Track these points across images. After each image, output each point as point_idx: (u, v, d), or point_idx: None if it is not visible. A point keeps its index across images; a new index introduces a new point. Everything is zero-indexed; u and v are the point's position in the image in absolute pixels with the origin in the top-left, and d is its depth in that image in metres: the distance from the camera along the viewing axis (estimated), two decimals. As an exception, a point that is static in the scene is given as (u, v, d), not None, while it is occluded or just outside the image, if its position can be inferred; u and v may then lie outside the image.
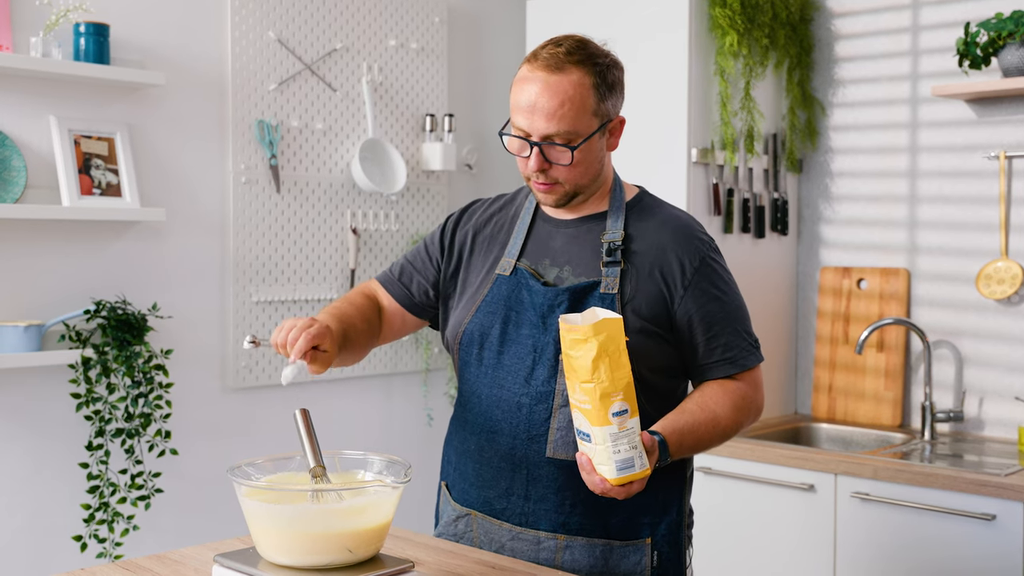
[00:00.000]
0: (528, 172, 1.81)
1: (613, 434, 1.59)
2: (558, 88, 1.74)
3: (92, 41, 2.72)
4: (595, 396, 1.59)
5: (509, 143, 1.82)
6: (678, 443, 1.72)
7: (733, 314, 1.84)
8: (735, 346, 1.83)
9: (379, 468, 1.66)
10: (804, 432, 3.31)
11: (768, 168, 3.38)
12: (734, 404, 1.81)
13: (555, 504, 1.79)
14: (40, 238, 2.73)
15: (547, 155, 1.77)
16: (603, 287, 1.80)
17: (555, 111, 1.74)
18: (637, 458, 1.60)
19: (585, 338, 1.59)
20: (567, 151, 1.77)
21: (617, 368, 1.59)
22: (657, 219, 1.87)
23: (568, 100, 1.74)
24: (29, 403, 2.72)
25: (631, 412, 1.60)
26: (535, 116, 1.75)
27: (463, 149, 3.66)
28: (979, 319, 3.13)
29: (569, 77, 1.75)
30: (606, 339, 1.59)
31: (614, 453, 1.59)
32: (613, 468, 1.60)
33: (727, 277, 1.87)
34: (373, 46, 3.41)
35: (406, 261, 2.03)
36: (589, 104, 1.76)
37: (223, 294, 3.09)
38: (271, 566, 1.53)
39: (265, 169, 3.14)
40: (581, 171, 1.81)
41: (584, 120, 1.76)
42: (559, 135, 1.75)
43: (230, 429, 3.10)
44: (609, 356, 1.59)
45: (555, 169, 1.79)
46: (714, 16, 3.12)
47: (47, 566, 2.72)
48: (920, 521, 2.64)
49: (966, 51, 3.00)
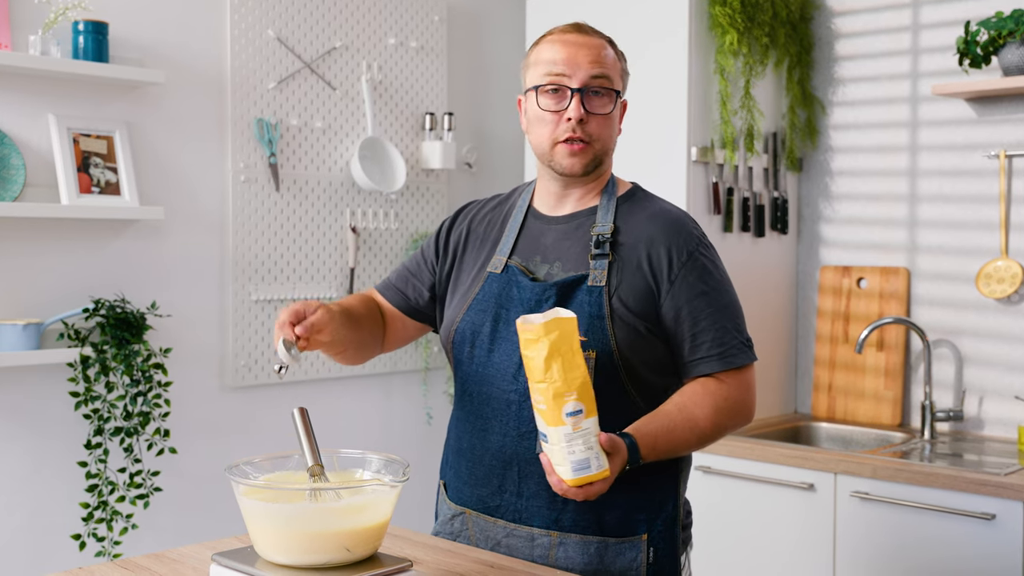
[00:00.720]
0: (559, 131, 1.80)
1: (568, 434, 1.58)
2: (593, 42, 1.82)
3: (91, 39, 2.72)
4: (548, 396, 1.58)
5: (542, 98, 1.81)
6: (651, 445, 1.71)
7: (722, 311, 1.80)
8: (722, 343, 1.79)
9: (377, 467, 1.66)
10: (804, 431, 3.31)
11: (768, 167, 3.38)
12: (715, 406, 1.77)
13: (547, 501, 1.79)
14: (39, 236, 2.73)
15: (587, 105, 1.79)
16: (591, 280, 1.79)
17: (597, 56, 1.80)
18: (594, 459, 1.59)
19: (537, 337, 1.59)
20: (609, 98, 1.80)
21: (571, 368, 1.58)
22: (647, 212, 1.86)
23: (605, 49, 1.82)
24: (28, 402, 2.72)
25: (587, 413, 1.59)
26: (578, 59, 1.78)
27: (463, 148, 3.66)
28: (979, 318, 3.13)
29: (597, 39, 1.84)
30: (558, 338, 1.58)
31: (569, 454, 1.59)
32: (569, 469, 1.59)
33: (717, 273, 1.83)
34: (373, 44, 3.40)
35: (403, 267, 2.05)
36: (618, 65, 1.85)
37: (222, 293, 3.08)
38: (269, 565, 1.53)
39: (264, 168, 3.14)
40: (610, 131, 1.83)
41: (617, 76, 1.84)
42: (602, 78, 1.79)
43: (229, 428, 3.09)
44: (562, 356, 1.58)
45: (591, 123, 1.80)
46: (714, 15, 3.12)
47: (46, 565, 2.72)
48: (920, 520, 2.64)
49: (966, 50, 3.00)
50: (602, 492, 1.64)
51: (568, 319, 1.60)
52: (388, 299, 2.03)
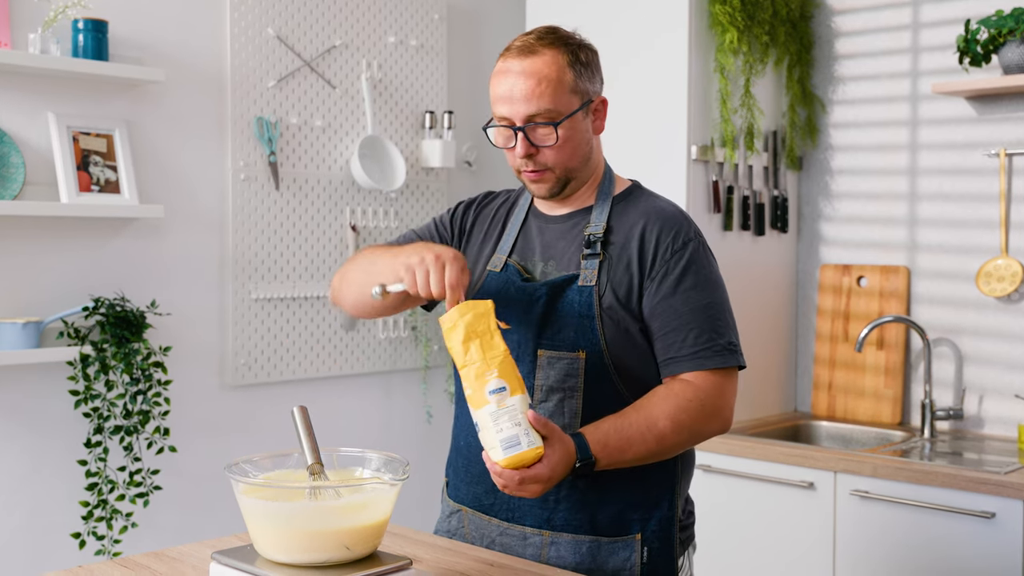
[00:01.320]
0: (516, 162, 1.81)
1: (492, 412, 1.57)
2: (532, 69, 1.76)
3: (91, 37, 2.72)
4: (471, 378, 1.59)
5: (495, 136, 1.82)
6: (601, 442, 1.67)
7: (703, 311, 1.76)
8: (695, 344, 1.74)
9: (377, 465, 1.66)
10: (804, 430, 3.31)
11: (768, 165, 3.38)
12: (677, 407, 1.71)
13: (539, 499, 1.79)
14: (38, 235, 2.73)
15: (532, 139, 1.77)
16: (581, 280, 1.79)
17: (533, 90, 1.75)
18: (523, 435, 1.57)
19: (452, 324, 1.61)
20: (551, 131, 1.77)
21: (488, 348, 1.59)
22: (640, 210, 1.85)
23: (544, 78, 1.75)
24: (27, 400, 2.72)
25: (511, 391, 1.58)
26: (514, 100, 1.76)
27: (462, 146, 3.66)
28: (979, 317, 3.13)
29: (542, 58, 1.77)
30: (472, 319, 1.60)
31: (497, 432, 1.57)
32: (499, 449, 1.57)
33: (704, 273, 1.79)
34: (372, 43, 3.40)
35: (412, 232, 2.03)
36: (566, 81, 1.77)
37: (222, 291, 3.08)
38: (269, 564, 1.53)
39: (264, 166, 3.14)
40: (568, 152, 1.80)
41: (563, 97, 1.77)
42: (540, 114, 1.75)
43: (229, 426, 3.09)
44: (479, 336, 1.59)
45: (542, 154, 1.78)
46: (714, 13, 3.12)
47: (45, 563, 2.72)
48: (920, 519, 2.64)
49: (966, 48, 3.00)
50: (541, 477, 1.59)
51: (481, 302, 1.62)
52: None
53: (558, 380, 1.77)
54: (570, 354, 1.76)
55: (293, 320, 3.22)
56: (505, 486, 1.61)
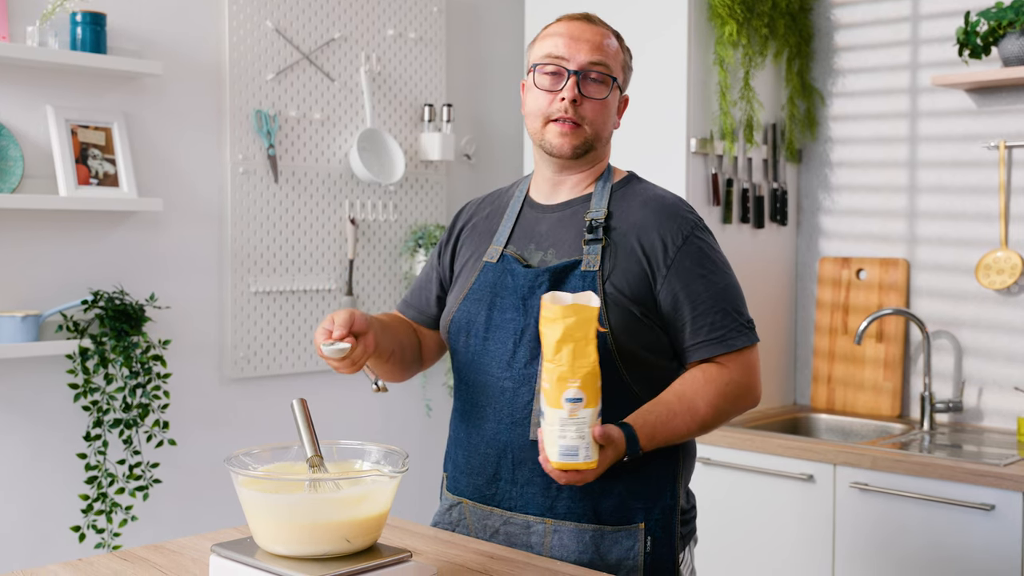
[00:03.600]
0: (555, 108, 1.81)
1: (562, 419, 1.60)
2: (597, 31, 1.85)
3: (89, 30, 2.71)
4: (553, 377, 1.60)
5: (539, 76, 1.83)
6: (650, 435, 1.72)
7: (721, 293, 1.80)
8: (722, 326, 1.78)
9: (377, 458, 1.66)
10: (803, 422, 3.31)
11: (767, 158, 3.38)
12: (717, 392, 1.77)
13: (541, 488, 1.79)
14: (37, 228, 2.72)
15: (582, 88, 1.81)
16: (584, 265, 1.79)
17: (599, 43, 1.82)
18: (582, 448, 1.61)
19: (554, 318, 1.61)
20: (604, 84, 1.82)
21: (580, 356, 1.60)
22: (641, 198, 1.86)
23: (608, 40, 1.85)
24: (27, 394, 2.72)
25: (587, 402, 1.60)
26: (579, 44, 1.81)
27: (462, 139, 3.65)
28: (978, 309, 3.13)
29: (604, 29, 1.87)
30: (574, 324, 1.60)
31: (560, 437, 1.61)
32: (557, 451, 1.61)
33: (714, 256, 1.83)
34: (371, 36, 3.39)
35: (415, 282, 2.08)
36: (620, 57, 1.87)
37: (221, 284, 3.08)
38: (268, 556, 1.53)
39: (263, 159, 3.13)
40: (604, 118, 1.84)
41: (617, 66, 1.86)
42: (599, 65, 1.81)
43: (228, 419, 3.09)
44: (574, 342, 1.60)
45: (585, 106, 1.81)
46: (713, 5, 3.11)
47: (45, 556, 2.72)
48: (919, 511, 2.64)
49: (966, 40, 2.99)
50: (586, 481, 1.66)
51: (589, 308, 1.61)
52: (412, 319, 2.06)
53: None
54: None
55: (292, 313, 3.22)
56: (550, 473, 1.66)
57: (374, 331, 1.79)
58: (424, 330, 2.05)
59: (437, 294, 2.02)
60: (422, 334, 2.05)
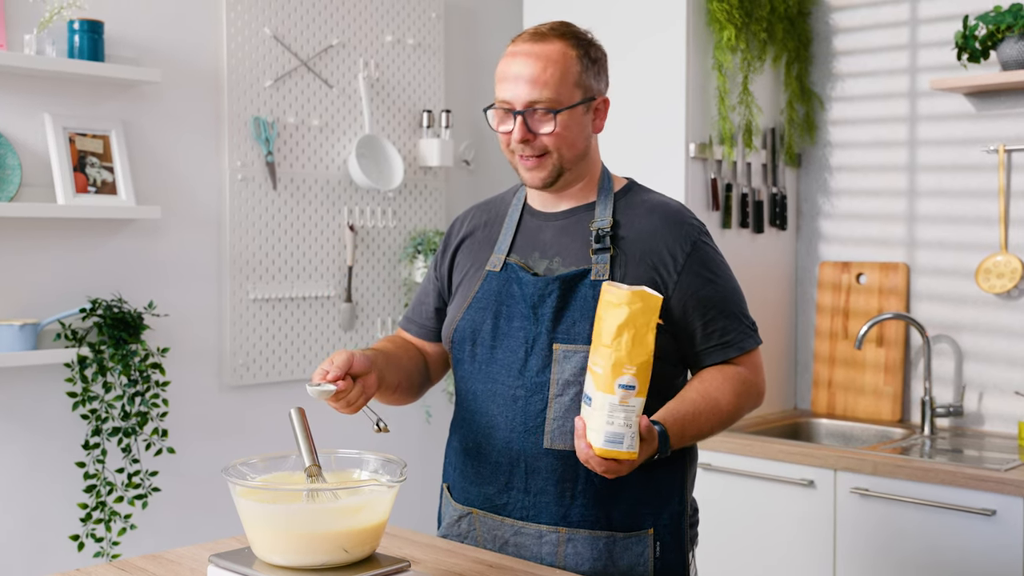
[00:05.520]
0: (512, 145, 1.81)
1: (612, 404, 1.59)
2: (541, 54, 1.78)
3: (86, 38, 2.71)
4: (609, 362, 1.59)
5: (492, 118, 1.83)
6: (679, 433, 1.73)
7: (729, 297, 1.83)
8: (732, 329, 1.82)
9: (375, 467, 1.65)
10: (803, 428, 3.30)
11: (767, 163, 3.37)
12: (735, 390, 1.81)
13: (555, 496, 1.79)
14: (35, 236, 2.72)
15: (530, 124, 1.78)
16: (594, 274, 1.79)
17: (538, 76, 1.77)
18: (628, 437, 1.59)
19: (619, 302, 1.59)
20: (550, 118, 1.78)
21: (639, 344, 1.59)
22: (646, 206, 1.86)
23: (552, 64, 1.78)
24: (25, 402, 2.71)
25: (638, 391, 1.59)
26: (519, 83, 1.77)
27: (460, 145, 3.65)
28: (979, 313, 3.12)
29: (553, 45, 1.80)
30: (638, 310, 1.59)
31: (608, 424, 1.59)
32: (601, 437, 1.59)
33: (719, 260, 1.86)
34: (370, 42, 3.39)
35: (415, 297, 2.08)
36: (572, 73, 1.79)
37: (220, 292, 3.08)
38: (266, 566, 1.52)
39: (261, 166, 3.13)
40: (566, 142, 1.80)
41: (567, 88, 1.79)
42: (542, 101, 1.77)
43: (227, 427, 3.09)
44: (636, 328, 1.59)
45: (540, 139, 1.79)
46: (712, 10, 3.11)
47: (44, 566, 2.72)
48: (920, 516, 2.63)
49: (965, 44, 2.99)
50: (620, 474, 1.64)
51: (654, 296, 1.60)
52: (411, 333, 2.06)
53: (574, 374, 1.77)
54: (586, 347, 1.76)
55: (291, 320, 3.21)
56: (587, 461, 1.63)
57: (376, 369, 1.79)
58: (429, 346, 2.04)
59: (437, 306, 2.01)
60: (427, 351, 2.04)
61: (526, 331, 1.81)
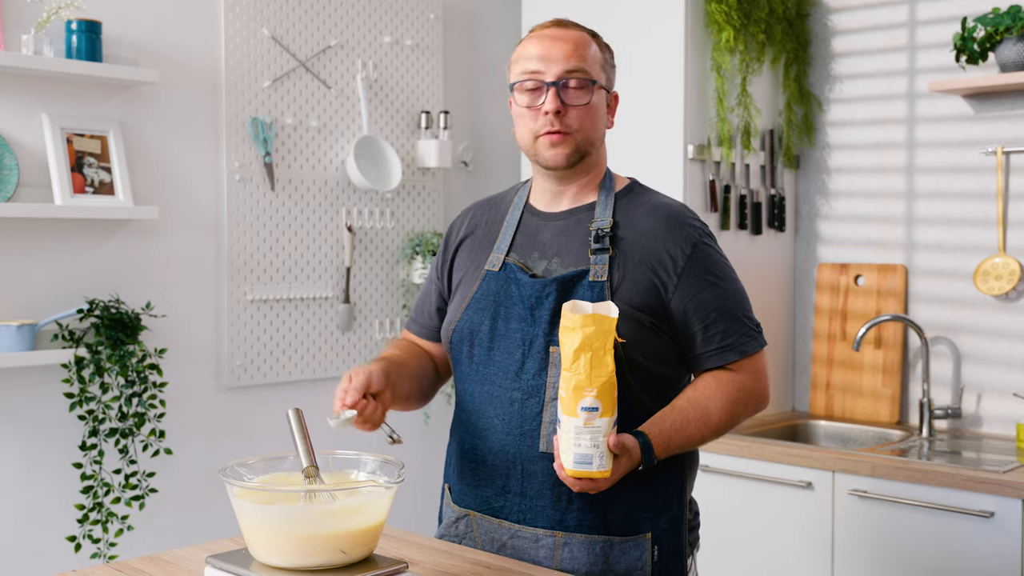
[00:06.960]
0: (540, 123, 1.80)
1: (577, 427, 1.61)
2: (569, 37, 1.82)
3: (84, 39, 2.71)
4: (570, 386, 1.61)
5: (519, 95, 1.82)
6: (665, 443, 1.73)
7: (730, 299, 1.81)
8: (733, 333, 1.80)
9: (372, 468, 1.65)
10: (802, 429, 3.30)
11: (765, 164, 3.37)
12: (728, 397, 1.79)
13: (551, 500, 1.78)
14: (33, 237, 2.72)
15: (563, 97, 1.79)
16: (591, 275, 1.78)
17: (572, 51, 1.80)
18: (596, 457, 1.62)
19: (573, 327, 1.61)
20: (584, 92, 1.80)
21: (597, 365, 1.60)
22: (646, 207, 1.85)
23: (580, 44, 1.81)
24: (22, 403, 2.71)
25: (603, 412, 1.61)
26: (553, 54, 1.79)
27: (459, 146, 3.65)
28: (977, 315, 3.12)
29: (578, 32, 1.84)
30: (592, 334, 1.60)
31: (575, 446, 1.62)
32: (571, 459, 1.63)
33: (722, 262, 1.84)
34: (368, 43, 3.39)
35: (419, 298, 2.08)
36: (599, 58, 1.84)
37: (217, 293, 3.07)
38: (264, 567, 1.52)
39: (259, 167, 3.13)
40: (592, 123, 1.82)
41: (596, 67, 1.83)
42: (576, 71, 1.79)
43: (225, 428, 3.08)
44: (592, 351, 1.60)
45: (570, 115, 1.79)
46: (710, 11, 3.11)
47: (41, 567, 2.71)
48: (918, 518, 2.63)
49: (963, 46, 2.99)
50: (599, 490, 1.66)
51: (607, 318, 1.61)
52: (415, 333, 2.06)
53: None
54: None
55: (289, 321, 3.21)
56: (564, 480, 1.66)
57: (391, 384, 1.80)
58: (433, 346, 2.04)
59: (438, 306, 2.01)
60: (433, 352, 2.05)
61: (523, 333, 1.80)
